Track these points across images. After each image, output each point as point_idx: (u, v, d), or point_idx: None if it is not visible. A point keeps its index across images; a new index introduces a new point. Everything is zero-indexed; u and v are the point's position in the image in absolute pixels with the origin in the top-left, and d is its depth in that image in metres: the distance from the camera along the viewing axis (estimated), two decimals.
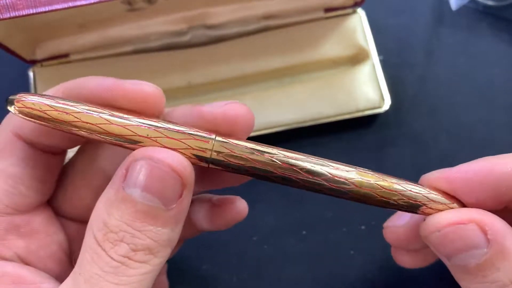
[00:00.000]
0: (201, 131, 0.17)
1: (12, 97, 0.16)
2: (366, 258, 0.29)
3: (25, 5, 0.22)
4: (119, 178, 0.16)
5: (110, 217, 0.16)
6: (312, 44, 0.33)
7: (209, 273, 0.29)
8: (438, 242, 0.17)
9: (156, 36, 0.32)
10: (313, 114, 0.31)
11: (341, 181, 0.17)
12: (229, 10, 0.32)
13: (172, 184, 0.16)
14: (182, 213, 0.17)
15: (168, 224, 0.16)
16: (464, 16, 0.34)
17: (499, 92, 0.33)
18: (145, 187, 0.16)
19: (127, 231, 0.16)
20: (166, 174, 0.16)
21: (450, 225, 0.16)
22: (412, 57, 0.34)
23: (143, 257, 0.16)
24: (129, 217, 0.16)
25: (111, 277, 0.16)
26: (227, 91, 0.32)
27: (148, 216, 0.16)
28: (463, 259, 0.17)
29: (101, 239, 0.16)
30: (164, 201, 0.16)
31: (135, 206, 0.16)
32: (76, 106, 0.16)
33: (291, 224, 0.30)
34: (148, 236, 0.16)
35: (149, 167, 0.16)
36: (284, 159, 0.17)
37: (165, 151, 0.16)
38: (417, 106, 0.33)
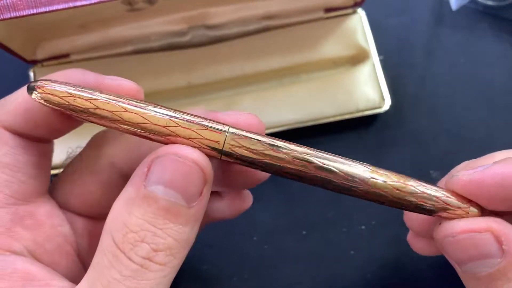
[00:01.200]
0: (216, 122, 0.17)
1: (33, 83, 0.16)
2: (366, 258, 0.29)
3: (26, 5, 0.22)
4: (140, 176, 0.16)
5: (131, 216, 0.16)
6: (312, 44, 0.33)
7: (209, 273, 0.29)
8: (451, 248, 0.17)
9: (157, 36, 0.32)
10: (313, 114, 0.31)
11: (355, 180, 0.17)
12: (230, 10, 0.32)
13: (195, 180, 0.16)
14: (202, 211, 0.17)
15: (189, 222, 0.16)
16: (464, 16, 0.34)
17: (499, 92, 0.33)
18: (169, 182, 0.15)
19: (148, 229, 0.15)
20: (191, 169, 0.16)
21: (465, 232, 0.16)
22: (412, 57, 0.34)
23: (163, 259, 0.16)
24: (151, 215, 0.15)
25: (130, 282, 0.15)
26: (227, 91, 0.32)
27: (170, 213, 0.16)
28: (475, 267, 0.16)
29: (120, 241, 0.15)
30: (186, 198, 0.16)
31: (157, 203, 0.15)
32: (95, 93, 0.16)
33: (291, 224, 0.30)
34: (169, 235, 0.16)
35: (174, 162, 0.16)
36: (297, 155, 0.17)
37: (188, 148, 0.16)
38: (417, 106, 0.33)
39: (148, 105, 0.16)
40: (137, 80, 0.32)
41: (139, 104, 0.16)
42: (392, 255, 0.29)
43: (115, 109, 0.16)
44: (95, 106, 0.16)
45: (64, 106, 0.16)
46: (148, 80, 0.32)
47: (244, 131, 0.17)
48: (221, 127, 0.16)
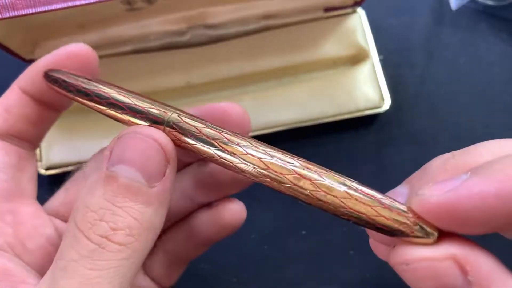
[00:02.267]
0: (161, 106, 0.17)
1: (51, 72, 0.18)
2: (366, 258, 0.29)
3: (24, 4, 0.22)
4: (104, 160, 0.16)
5: (92, 196, 0.15)
6: (312, 44, 0.33)
7: (209, 273, 0.29)
8: (406, 277, 0.14)
9: (156, 36, 0.32)
10: (313, 114, 0.31)
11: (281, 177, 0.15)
12: (229, 10, 0.32)
13: (156, 159, 0.16)
14: (166, 193, 0.16)
15: (150, 203, 0.16)
16: (464, 16, 0.34)
17: (499, 92, 0.33)
18: (128, 160, 0.15)
19: (107, 207, 0.15)
20: (150, 147, 0.16)
21: (421, 260, 0.13)
22: (412, 57, 0.34)
23: (123, 238, 0.15)
24: (111, 193, 0.15)
25: (87, 262, 0.15)
26: (227, 91, 0.32)
27: (130, 192, 0.15)
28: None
29: (79, 220, 0.15)
30: (147, 177, 0.16)
31: (117, 181, 0.15)
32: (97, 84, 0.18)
33: (291, 224, 0.30)
34: (129, 213, 0.15)
35: (133, 140, 0.16)
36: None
37: (149, 128, 0.16)
38: (417, 106, 0.32)
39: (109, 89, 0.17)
40: (137, 79, 0.33)
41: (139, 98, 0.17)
42: None
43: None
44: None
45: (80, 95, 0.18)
46: (147, 80, 0.32)
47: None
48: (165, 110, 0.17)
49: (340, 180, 0.15)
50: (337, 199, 0.14)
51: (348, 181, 0.15)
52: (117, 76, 0.32)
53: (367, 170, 0.31)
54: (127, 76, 0.32)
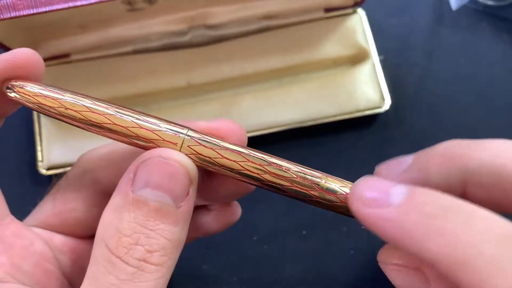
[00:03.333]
0: (175, 125, 0.17)
1: (13, 83, 0.17)
2: (366, 258, 0.29)
3: (26, 5, 0.22)
4: (127, 183, 0.16)
5: (122, 221, 0.16)
6: (312, 44, 0.33)
7: (209, 273, 0.29)
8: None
9: (156, 36, 0.32)
10: (313, 114, 0.31)
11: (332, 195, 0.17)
12: (229, 10, 0.32)
13: (181, 180, 0.16)
14: (190, 211, 0.17)
15: (178, 222, 0.16)
16: (464, 16, 0.34)
17: (499, 92, 0.33)
18: (156, 184, 0.16)
19: (141, 232, 0.16)
20: (176, 169, 0.16)
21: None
22: (412, 57, 0.34)
23: (159, 259, 0.16)
24: (142, 218, 0.16)
25: (128, 285, 0.15)
26: (227, 91, 0.32)
27: (160, 214, 0.16)
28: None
29: (114, 246, 0.16)
30: (174, 198, 0.16)
31: (147, 205, 0.16)
32: (64, 94, 0.17)
33: (291, 224, 0.30)
34: (162, 235, 0.16)
35: (159, 164, 0.16)
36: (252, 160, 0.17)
37: (170, 149, 0.17)
38: (417, 106, 0.33)
39: (113, 106, 0.17)
40: (137, 80, 0.33)
41: (102, 104, 0.17)
42: None
43: (80, 109, 0.17)
44: (62, 106, 0.17)
45: (39, 107, 0.17)
46: (148, 80, 0.32)
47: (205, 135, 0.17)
48: (180, 130, 0.17)
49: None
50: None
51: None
52: (117, 76, 0.32)
53: (367, 170, 0.31)
54: (128, 76, 0.32)
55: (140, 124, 0.17)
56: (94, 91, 0.32)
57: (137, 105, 0.32)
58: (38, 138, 0.31)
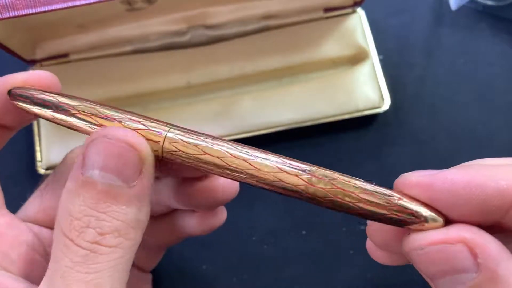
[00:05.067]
0: (158, 124, 0.17)
1: (15, 90, 0.18)
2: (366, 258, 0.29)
3: (25, 5, 0.22)
4: (77, 166, 0.16)
5: (74, 205, 0.16)
6: (311, 44, 0.33)
7: (209, 273, 0.29)
8: (421, 262, 0.15)
9: (156, 36, 0.32)
10: (313, 114, 0.31)
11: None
12: (229, 10, 0.32)
13: (130, 160, 0.16)
14: (145, 191, 0.16)
15: (132, 203, 0.16)
16: (463, 16, 0.34)
17: (499, 92, 0.33)
18: (103, 166, 0.16)
19: (91, 214, 0.15)
20: (123, 149, 0.16)
21: (434, 243, 0.14)
22: (412, 57, 0.34)
23: (112, 241, 0.16)
24: (92, 200, 0.15)
25: (81, 267, 0.15)
26: (227, 91, 0.32)
27: (110, 196, 0.16)
28: (447, 283, 0.14)
29: (67, 229, 0.16)
30: (124, 178, 0.16)
31: (95, 187, 0.15)
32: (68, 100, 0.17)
33: (291, 224, 0.30)
34: (114, 217, 0.16)
35: (105, 144, 0.16)
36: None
37: (119, 128, 0.16)
38: (417, 106, 0.33)
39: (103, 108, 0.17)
40: (136, 79, 0.33)
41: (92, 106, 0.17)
42: None
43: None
44: (77, 111, 0.17)
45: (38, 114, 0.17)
46: (147, 80, 0.32)
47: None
48: (161, 129, 0.16)
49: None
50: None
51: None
52: (116, 76, 0.32)
53: (367, 170, 0.31)
54: (127, 76, 0.32)
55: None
56: (93, 91, 0.32)
57: (136, 105, 0.32)
58: (37, 138, 0.31)
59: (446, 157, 0.31)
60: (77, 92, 0.32)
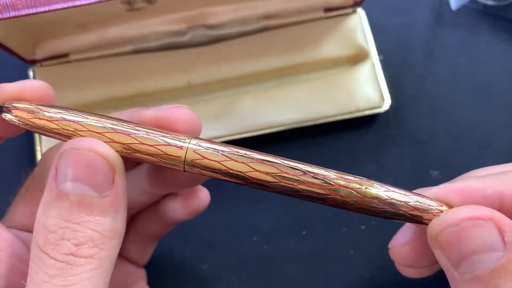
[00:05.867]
0: (176, 137, 0.17)
1: (4, 105, 0.17)
2: (366, 258, 0.29)
3: (25, 5, 0.22)
4: (51, 178, 0.16)
5: (48, 218, 0.16)
6: (312, 44, 0.33)
7: (209, 273, 0.29)
8: (452, 240, 0.15)
9: (156, 36, 0.32)
10: (313, 114, 0.31)
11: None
12: (229, 10, 0.32)
13: (101, 169, 0.16)
14: (120, 199, 0.16)
15: (106, 212, 0.16)
16: (464, 16, 0.34)
17: (499, 92, 0.33)
18: (73, 177, 0.16)
19: (66, 226, 0.15)
20: (91, 159, 0.16)
21: (470, 218, 0.15)
22: (412, 57, 0.34)
23: (87, 251, 0.15)
24: (65, 212, 0.15)
25: (57, 280, 0.15)
26: (227, 91, 0.32)
27: (83, 206, 0.15)
28: (475, 264, 0.14)
29: (42, 243, 0.15)
30: (96, 188, 0.16)
31: (68, 199, 0.15)
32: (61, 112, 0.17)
33: (291, 224, 0.30)
34: (88, 227, 0.15)
35: (73, 155, 0.16)
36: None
37: (87, 139, 0.16)
38: (417, 106, 0.32)
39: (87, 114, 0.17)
40: (136, 79, 0.33)
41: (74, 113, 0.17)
42: None
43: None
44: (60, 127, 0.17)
45: (30, 126, 0.17)
46: (148, 80, 0.32)
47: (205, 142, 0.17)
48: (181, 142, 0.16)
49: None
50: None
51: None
52: (117, 76, 0.32)
53: (367, 170, 0.31)
54: (127, 76, 0.32)
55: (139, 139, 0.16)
56: (93, 91, 0.32)
57: (136, 105, 0.32)
58: (37, 138, 0.31)
59: (446, 157, 0.31)
60: (77, 92, 0.32)
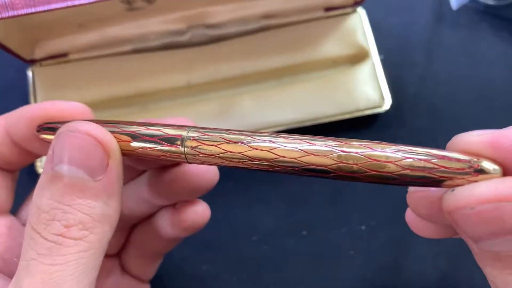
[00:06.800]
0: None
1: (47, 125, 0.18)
2: (366, 258, 0.29)
3: (24, 4, 0.22)
4: (48, 160, 0.16)
5: (42, 198, 0.16)
6: (312, 44, 0.32)
7: (209, 273, 0.29)
8: (468, 222, 0.12)
9: (156, 35, 0.32)
10: (313, 114, 0.31)
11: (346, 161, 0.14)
12: (229, 10, 0.32)
13: (95, 153, 0.16)
14: (113, 185, 0.16)
15: (98, 197, 0.16)
16: (464, 16, 0.34)
17: (499, 92, 0.33)
18: (69, 159, 0.16)
19: (57, 207, 0.16)
20: (86, 142, 0.16)
21: (488, 201, 0.12)
22: (412, 56, 0.33)
23: (77, 233, 0.16)
24: (58, 193, 0.16)
25: (45, 258, 0.15)
26: (227, 91, 0.32)
27: (76, 189, 0.16)
28: (496, 244, 0.12)
29: (34, 222, 0.16)
30: (89, 172, 0.16)
31: (62, 181, 0.16)
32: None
33: (291, 224, 0.30)
34: (79, 210, 0.16)
35: (69, 138, 0.16)
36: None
37: (84, 122, 0.16)
38: (417, 105, 0.32)
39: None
40: (136, 79, 0.32)
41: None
42: (392, 255, 0.29)
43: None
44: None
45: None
46: (147, 80, 0.32)
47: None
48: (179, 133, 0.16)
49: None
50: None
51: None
52: (116, 76, 0.32)
53: None
54: (127, 75, 0.32)
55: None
56: (92, 91, 0.32)
57: (136, 104, 0.32)
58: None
59: None
60: (76, 91, 0.32)
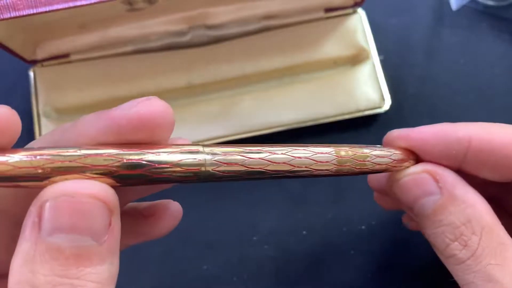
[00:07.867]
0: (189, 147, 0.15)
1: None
2: (366, 258, 0.29)
3: (26, 5, 0.22)
4: (32, 228, 0.14)
5: (37, 275, 0.13)
6: (312, 44, 0.33)
7: (209, 273, 0.29)
8: (400, 191, 0.19)
9: (157, 36, 0.32)
10: (313, 114, 0.31)
11: (323, 168, 0.18)
12: (230, 10, 0.32)
13: (99, 215, 0.14)
14: (116, 242, 0.15)
15: (105, 259, 0.14)
16: (464, 16, 0.34)
17: (499, 92, 0.33)
18: (69, 227, 0.13)
19: (63, 283, 0.13)
20: (90, 206, 0.14)
21: (407, 174, 0.19)
22: (412, 57, 0.34)
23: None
24: (61, 268, 0.13)
25: None
26: (227, 91, 0.32)
27: (82, 259, 0.14)
28: (422, 206, 0.19)
29: None
30: (95, 236, 0.14)
31: (63, 253, 0.13)
32: None
33: (291, 224, 0.30)
34: (89, 280, 0.14)
35: (70, 204, 0.14)
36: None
37: (79, 181, 0.14)
38: (417, 106, 0.33)
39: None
40: (137, 80, 0.33)
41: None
42: (392, 255, 0.29)
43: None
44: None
45: None
46: (148, 80, 0.32)
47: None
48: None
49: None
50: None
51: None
52: (117, 77, 0.32)
53: None
54: (128, 76, 0.32)
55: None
56: (93, 91, 0.32)
57: None
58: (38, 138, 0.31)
59: None
60: (77, 92, 0.32)
